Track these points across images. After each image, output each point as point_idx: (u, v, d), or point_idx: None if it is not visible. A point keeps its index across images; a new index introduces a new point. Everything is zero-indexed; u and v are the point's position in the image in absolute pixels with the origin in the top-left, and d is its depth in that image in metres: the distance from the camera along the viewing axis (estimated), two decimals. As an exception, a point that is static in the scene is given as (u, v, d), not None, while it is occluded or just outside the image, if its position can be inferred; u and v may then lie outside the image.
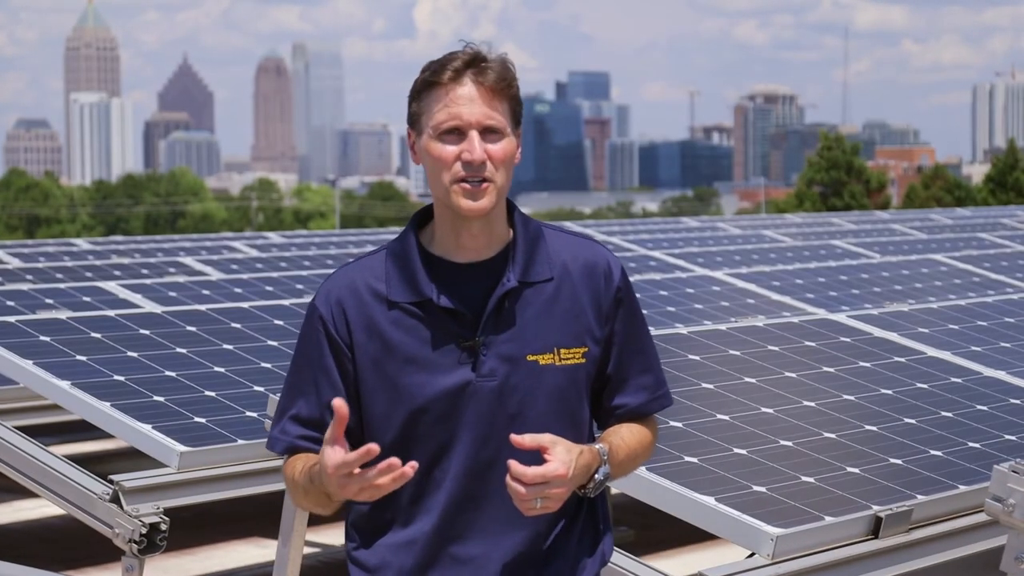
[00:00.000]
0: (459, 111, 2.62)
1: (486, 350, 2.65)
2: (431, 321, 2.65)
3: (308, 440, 2.70)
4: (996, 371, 5.58)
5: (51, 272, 10.17)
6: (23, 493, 6.88)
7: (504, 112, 2.66)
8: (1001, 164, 51.26)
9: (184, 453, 5.03)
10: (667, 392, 2.85)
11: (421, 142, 2.68)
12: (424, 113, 2.66)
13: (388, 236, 16.44)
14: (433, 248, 2.71)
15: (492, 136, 2.64)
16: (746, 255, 11.55)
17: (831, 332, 5.75)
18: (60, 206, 79.26)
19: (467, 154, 2.62)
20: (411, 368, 2.65)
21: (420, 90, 2.68)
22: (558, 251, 2.73)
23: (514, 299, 2.67)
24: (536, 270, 2.69)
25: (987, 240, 13.60)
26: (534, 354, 2.66)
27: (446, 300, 2.65)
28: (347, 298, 2.69)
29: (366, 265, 2.72)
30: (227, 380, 5.75)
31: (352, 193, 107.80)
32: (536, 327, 2.67)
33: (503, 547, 2.67)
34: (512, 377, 2.65)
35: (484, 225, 2.68)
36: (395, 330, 2.66)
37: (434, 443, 2.65)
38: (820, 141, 56.53)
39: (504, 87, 2.65)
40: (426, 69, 2.68)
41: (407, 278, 2.67)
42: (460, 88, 2.63)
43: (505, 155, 2.65)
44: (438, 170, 2.65)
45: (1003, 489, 3.81)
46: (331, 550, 6.50)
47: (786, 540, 3.85)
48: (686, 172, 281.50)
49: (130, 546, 4.58)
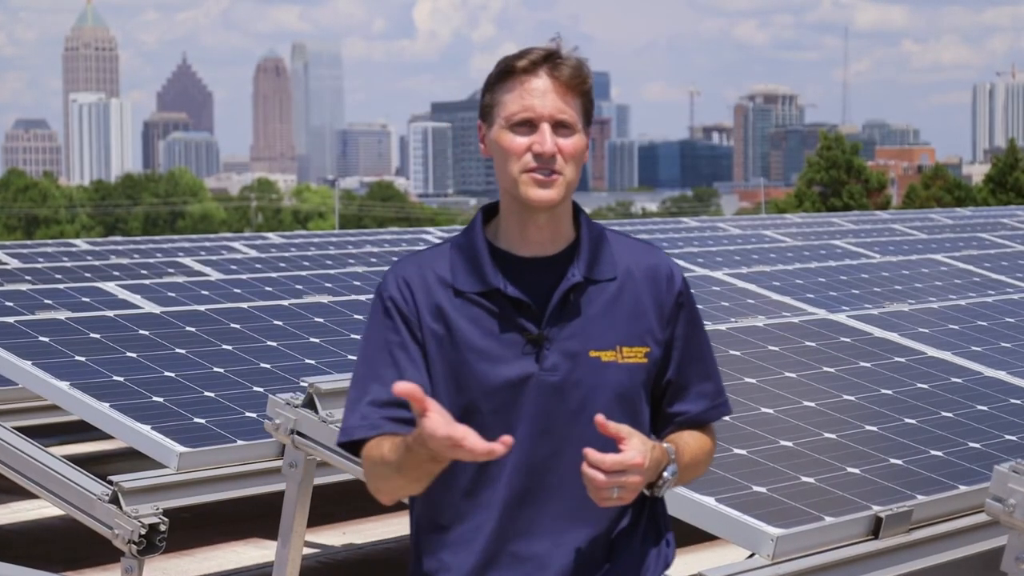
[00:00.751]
0: (532, 103, 2.62)
1: (549, 344, 2.64)
2: (496, 312, 2.65)
3: (394, 421, 2.63)
4: (996, 371, 5.58)
5: (50, 272, 10.16)
6: (22, 494, 6.87)
7: (576, 108, 2.66)
8: (1001, 164, 51.30)
9: (183, 454, 5.03)
10: (726, 400, 2.85)
11: (492, 133, 2.67)
12: (496, 105, 2.66)
13: (388, 236, 16.44)
14: (498, 241, 2.70)
15: (563, 131, 2.64)
16: (746, 255, 11.55)
17: (831, 332, 5.74)
18: (59, 206, 79.28)
19: (538, 146, 2.62)
20: (473, 357, 2.64)
21: (494, 82, 2.68)
22: (621, 253, 2.74)
23: (578, 295, 2.67)
24: (600, 269, 2.70)
25: (987, 240, 13.60)
26: (596, 350, 2.66)
27: (514, 290, 2.65)
28: (415, 281, 2.68)
29: (431, 255, 2.72)
30: (226, 381, 5.75)
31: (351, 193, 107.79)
32: (599, 324, 2.67)
33: (565, 545, 2.65)
34: (574, 373, 2.64)
35: (550, 219, 2.67)
36: (460, 318, 2.65)
37: (490, 435, 2.57)
38: (820, 141, 56.56)
39: (578, 83, 2.65)
40: (501, 63, 2.68)
41: (473, 268, 2.67)
42: (534, 81, 2.63)
43: (575, 150, 2.65)
44: (508, 160, 2.65)
45: (1003, 489, 3.80)
46: (330, 551, 6.50)
47: (786, 540, 3.85)
48: (686, 172, 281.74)
49: (129, 547, 4.58)
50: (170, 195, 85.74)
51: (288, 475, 4.88)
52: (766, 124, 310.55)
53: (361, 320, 6.83)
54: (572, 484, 2.63)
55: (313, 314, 6.78)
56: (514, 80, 2.64)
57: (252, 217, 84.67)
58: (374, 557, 6.46)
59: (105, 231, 74.38)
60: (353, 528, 6.86)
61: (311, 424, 4.79)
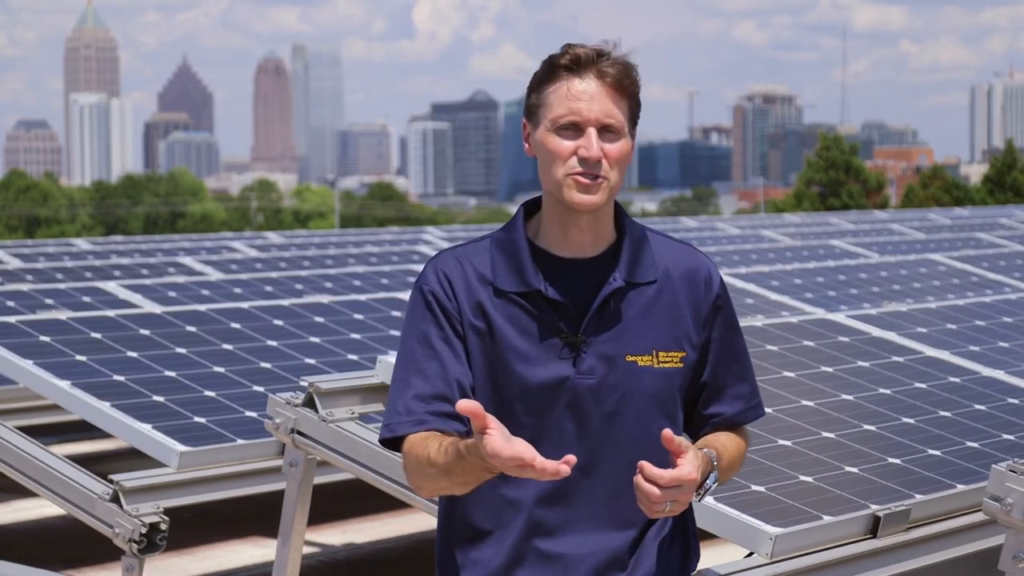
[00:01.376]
0: (579, 107, 2.60)
1: (586, 348, 2.63)
2: (535, 313, 2.64)
3: (438, 416, 2.61)
4: (994, 371, 5.59)
5: (51, 272, 10.17)
6: (23, 493, 6.89)
7: (624, 111, 2.64)
8: (999, 164, 51.25)
9: (184, 453, 5.04)
10: (760, 402, 2.85)
11: (537, 134, 2.65)
12: (542, 106, 2.64)
13: (388, 236, 16.45)
14: (538, 241, 2.69)
15: (609, 135, 2.62)
16: (745, 255, 11.56)
17: (829, 332, 5.76)
18: (60, 207, 79.20)
19: (584, 150, 2.60)
20: (510, 356, 2.62)
21: (540, 82, 2.65)
22: (661, 255, 2.72)
23: (618, 299, 2.66)
24: (641, 272, 2.68)
25: (985, 240, 13.61)
26: (633, 355, 2.65)
27: (554, 293, 2.64)
28: (455, 276, 2.67)
29: (471, 251, 2.70)
30: (227, 380, 5.76)
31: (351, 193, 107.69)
32: (636, 328, 2.66)
33: (593, 546, 2.65)
34: (610, 377, 2.64)
35: (592, 221, 2.66)
36: (499, 316, 2.64)
37: (526, 435, 2.56)
38: (819, 141, 56.53)
39: (627, 85, 2.63)
40: (548, 62, 2.65)
41: (514, 268, 2.65)
42: (582, 83, 2.61)
43: (621, 155, 2.63)
44: (552, 163, 2.63)
45: (1001, 488, 3.82)
46: (330, 550, 6.51)
47: (785, 539, 3.86)
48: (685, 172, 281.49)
49: (130, 546, 4.59)
50: (171, 195, 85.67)
51: (288, 474, 4.89)
52: (765, 124, 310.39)
53: (361, 320, 6.84)
54: (604, 486, 2.64)
55: (313, 314, 6.80)
56: (561, 81, 2.62)
57: (252, 217, 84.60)
58: (374, 556, 6.48)
59: (106, 231, 74.33)
60: (353, 527, 6.88)
61: (311, 423, 4.81)
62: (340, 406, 4.84)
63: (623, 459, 2.63)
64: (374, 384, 4.92)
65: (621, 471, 2.65)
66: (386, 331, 6.72)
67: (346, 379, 4.98)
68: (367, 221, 75.41)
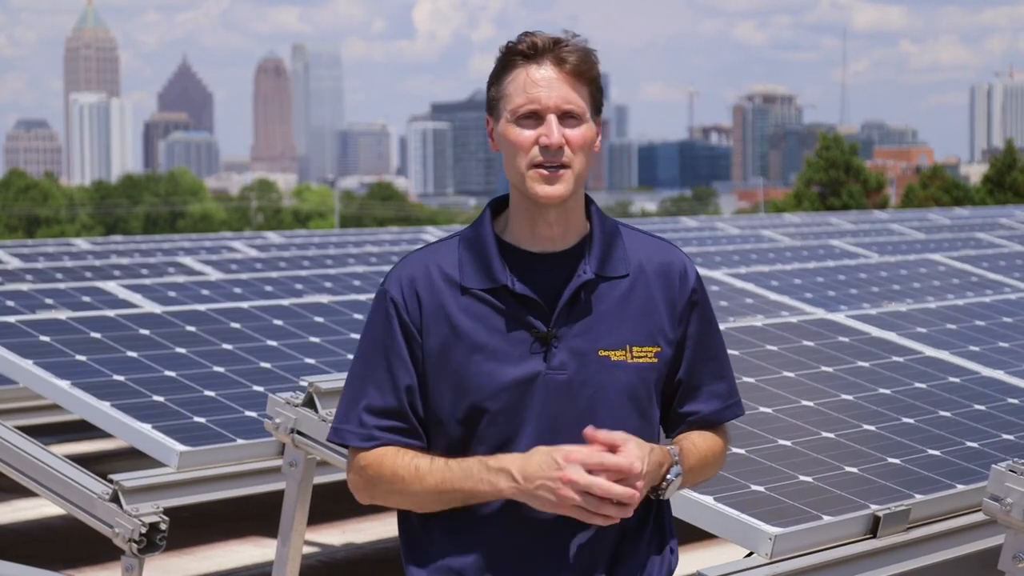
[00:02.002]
0: (538, 94, 2.56)
1: (557, 342, 2.58)
2: (503, 309, 2.59)
3: (389, 431, 2.62)
4: (994, 371, 5.59)
5: (51, 272, 10.17)
6: (23, 493, 6.89)
7: (584, 97, 2.60)
8: (999, 164, 51.23)
9: (184, 453, 5.04)
10: (739, 401, 2.79)
11: (499, 127, 2.61)
12: (502, 98, 2.60)
13: (388, 236, 16.45)
14: (507, 236, 2.65)
15: (571, 121, 2.58)
16: (744, 255, 11.56)
17: (829, 332, 5.76)
18: (60, 206, 79.20)
19: (545, 138, 2.56)
20: (479, 356, 2.58)
21: (499, 75, 2.62)
22: (635, 249, 2.68)
23: (589, 292, 2.62)
24: (613, 265, 2.64)
25: (985, 240, 13.62)
26: (606, 350, 2.60)
27: (522, 287, 2.59)
28: (419, 282, 2.62)
29: (438, 250, 2.66)
30: (226, 380, 5.76)
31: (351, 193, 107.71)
32: (609, 322, 2.61)
33: (569, 547, 2.60)
34: (583, 372, 2.59)
35: (561, 214, 2.62)
36: (465, 317, 2.60)
37: (498, 436, 2.58)
38: (819, 141, 56.52)
39: (584, 71, 2.60)
40: (505, 53, 2.61)
41: (481, 264, 2.62)
42: (539, 71, 2.57)
43: (584, 141, 2.59)
44: (515, 155, 2.59)
45: (1001, 488, 3.82)
46: (330, 550, 6.51)
47: (784, 539, 3.86)
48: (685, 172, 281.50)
49: (130, 545, 4.58)
50: (170, 195, 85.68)
51: (288, 474, 4.89)
52: (765, 124, 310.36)
53: (361, 320, 6.84)
54: None
55: (313, 313, 6.80)
56: (518, 71, 2.59)
57: (252, 217, 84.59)
58: (374, 556, 6.48)
59: (105, 231, 74.35)
60: (353, 527, 6.88)
61: (311, 423, 4.81)
62: (340, 406, 4.83)
63: None
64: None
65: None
66: (386, 331, 6.71)
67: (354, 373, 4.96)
68: (367, 221, 75.42)
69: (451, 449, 2.61)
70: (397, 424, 2.63)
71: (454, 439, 2.61)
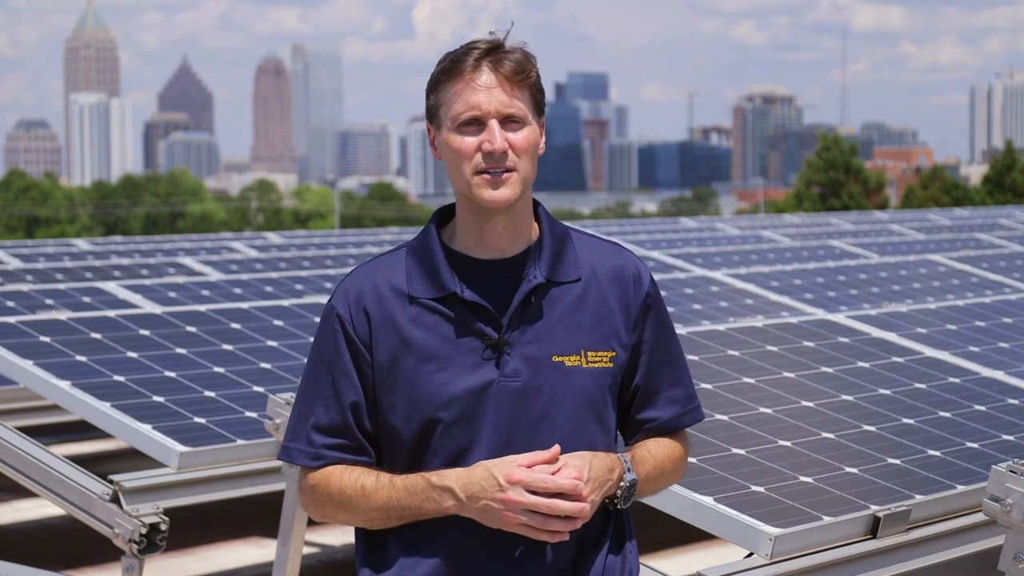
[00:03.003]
0: (477, 100, 2.54)
1: (510, 349, 2.54)
2: (453, 318, 2.56)
3: (335, 449, 2.60)
4: (994, 371, 5.59)
5: (51, 272, 10.18)
6: (23, 493, 6.89)
7: (524, 100, 2.56)
8: (999, 165, 51.25)
9: (184, 453, 5.04)
10: (699, 406, 2.73)
11: (441, 136, 2.59)
12: (442, 105, 2.58)
13: (387, 236, 16.45)
14: (455, 244, 2.61)
15: (513, 125, 2.55)
16: (744, 255, 11.56)
17: (829, 332, 5.76)
18: (60, 207, 79.23)
19: (487, 144, 2.53)
20: (430, 367, 2.54)
21: (437, 82, 2.59)
22: (586, 254, 2.64)
23: (540, 297, 2.58)
24: (563, 270, 2.60)
25: (985, 240, 13.62)
26: (560, 355, 2.56)
27: (471, 294, 2.55)
28: (366, 295, 2.59)
29: (386, 262, 2.63)
30: (226, 380, 5.76)
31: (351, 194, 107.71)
32: (562, 328, 2.57)
33: (530, 558, 2.55)
34: (537, 378, 2.55)
35: (508, 219, 2.58)
36: (414, 327, 2.56)
37: (453, 447, 2.54)
38: (819, 142, 56.54)
39: (523, 76, 2.57)
40: (443, 61, 2.59)
41: (429, 274, 2.58)
42: (478, 78, 2.54)
43: (527, 144, 2.56)
44: (458, 162, 2.56)
45: (1001, 489, 3.82)
46: (331, 550, 6.51)
47: (784, 540, 3.86)
48: (685, 173, 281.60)
49: (130, 546, 4.59)
50: (170, 195, 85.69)
51: (288, 474, 4.89)
52: (765, 125, 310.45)
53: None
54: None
55: (313, 314, 6.80)
56: (457, 78, 2.56)
57: (252, 217, 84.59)
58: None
59: (106, 231, 74.37)
60: (353, 528, 6.87)
61: (311, 424, 4.80)
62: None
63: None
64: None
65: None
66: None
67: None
68: (367, 221, 75.42)
69: (407, 462, 2.58)
70: (343, 442, 2.60)
71: (409, 452, 2.58)
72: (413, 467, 2.57)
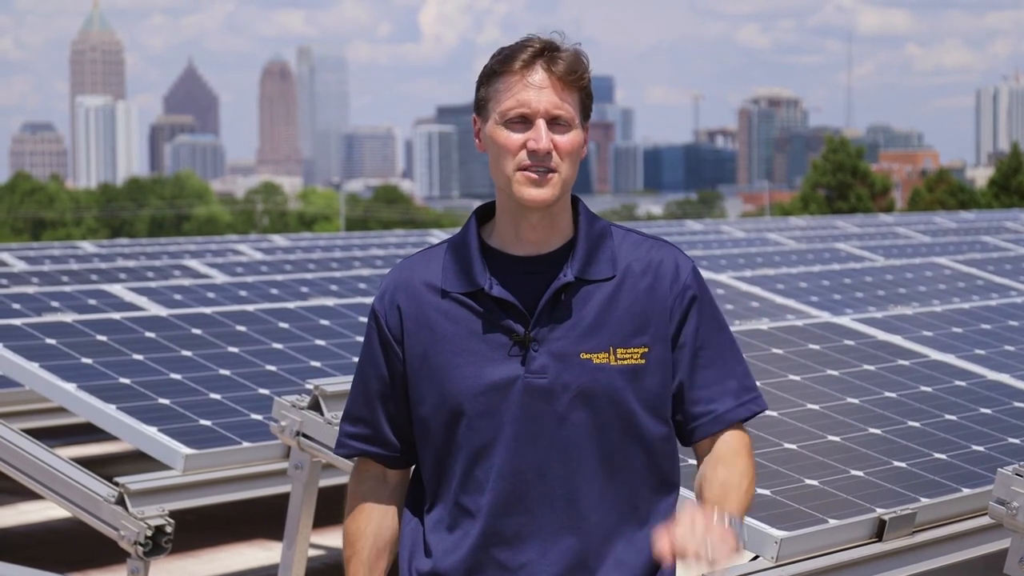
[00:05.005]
0: (527, 98, 2.56)
1: (537, 346, 2.56)
2: (482, 313, 2.59)
3: (357, 439, 2.72)
4: (1000, 374, 5.58)
5: (56, 275, 10.19)
6: (28, 495, 6.90)
7: (573, 103, 2.58)
8: (1005, 167, 51.20)
9: (189, 455, 5.05)
10: (756, 397, 2.68)
11: (487, 129, 2.61)
12: (491, 99, 2.60)
13: (393, 239, 16.45)
14: (492, 240, 2.64)
15: (559, 127, 2.57)
16: (750, 258, 11.56)
17: (835, 335, 5.75)
18: (65, 209, 79.33)
19: (533, 143, 2.55)
20: (458, 360, 2.58)
21: (489, 76, 2.60)
22: (624, 251, 2.64)
23: (571, 295, 2.59)
24: (597, 268, 2.61)
25: (991, 243, 13.61)
26: (588, 352, 2.57)
27: (499, 290, 2.58)
28: (401, 291, 2.65)
29: (425, 258, 2.68)
30: (232, 383, 5.76)
31: (357, 196, 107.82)
32: (592, 325, 2.58)
33: (553, 554, 2.57)
34: (563, 375, 2.56)
35: (545, 217, 2.60)
36: (445, 321, 2.61)
37: (477, 441, 2.58)
38: (825, 145, 56.52)
39: (575, 77, 2.58)
40: (497, 55, 2.61)
41: (462, 269, 2.62)
42: (530, 76, 2.56)
43: (572, 146, 2.58)
44: (502, 157, 2.58)
45: (1007, 492, 3.81)
46: (336, 552, 6.51)
47: (790, 543, 3.86)
48: (690, 175, 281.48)
49: (135, 548, 4.59)
50: (176, 198, 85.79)
51: (293, 477, 4.89)
52: (770, 128, 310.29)
53: (366, 323, 6.84)
54: (561, 491, 2.57)
55: (318, 316, 6.80)
56: (509, 74, 2.57)
57: (258, 220, 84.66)
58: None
59: (111, 234, 74.43)
60: (358, 530, 6.87)
61: (316, 426, 4.81)
62: (345, 409, 4.84)
63: (578, 461, 2.56)
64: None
65: (577, 474, 2.58)
66: (391, 334, 6.71)
67: (351, 382, 4.97)
68: (372, 224, 75.44)
69: (436, 457, 2.64)
70: (365, 432, 2.72)
71: (438, 445, 2.63)
72: (441, 461, 2.63)
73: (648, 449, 2.62)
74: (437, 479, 2.64)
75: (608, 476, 2.59)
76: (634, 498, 2.61)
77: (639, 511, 2.63)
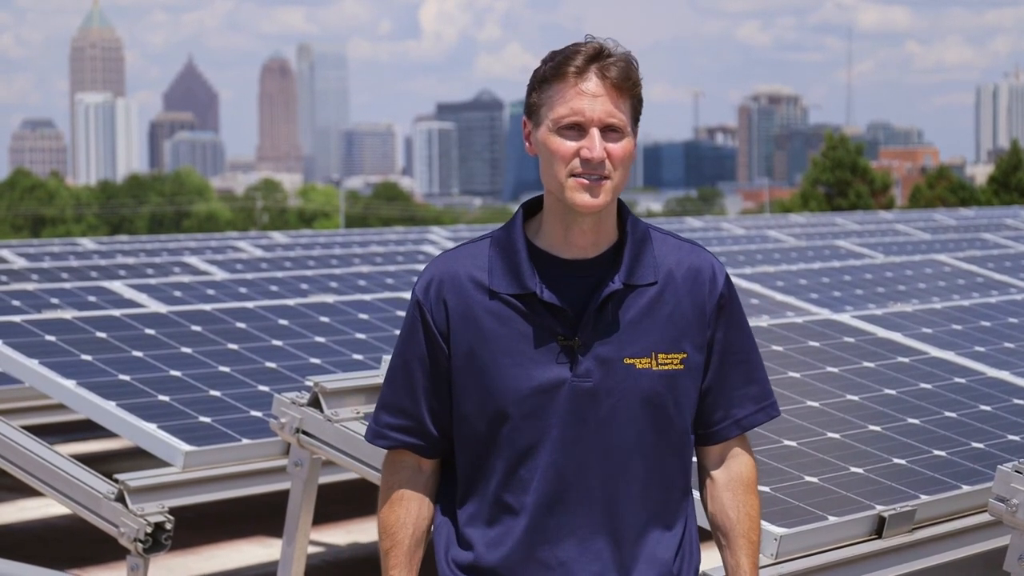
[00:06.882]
0: (582, 107, 2.57)
1: (584, 351, 2.60)
2: (531, 316, 2.61)
3: (397, 430, 2.71)
4: (999, 371, 5.59)
5: (56, 272, 10.19)
6: (28, 492, 6.90)
7: (626, 110, 2.60)
8: (1004, 165, 51.18)
9: (189, 452, 5.05)
10: (773, 403, 2.77)
11: (538, 134, 2.62)
12: (544, 105, 2.61)
13: (393, 236, 16.45)
14: (538, 241, 2.66)
15: (613, 135, 2.59)
16: (750, 255, 11.55)
17: (835, 332, 5.75)
18: (65, 206, 79.33)
19: (587, 151, 2.57)
20: (506, 361, 2.61)
21: (542, 80, 2.61)
22: (664, 255, 2.68)
23: (617, 301, 2.62)
24: (641, 273, 2.64)
25: (990, 240, 13.61)
26: (631, 357, 2.61)
27: (550, 296, 2.61)
28: (447, 285, 2.65)
29: (469, 252, 2.68)
30: (232, 380, 5.76)
31: (356, 193, 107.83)
32: (635, 331, 2.62)
33: (591, 553, 2.62)
34: (607, 379, 2.60)
35: (594, 223, 2.62)
36: (493, 321, 2.62)
37: (522, 441, 2.61)
38: (825, 142, 56.51)
39: (629, 85, 2.60)
40: (549, 60, 2.62)
41: (510, 269, 2.63)
42: (584, 83, 2.57)
43: (624, 154, 2.60)
44: (554, 163, 2.60)
45: (1006, 489, 3.82)
46: (335, 549, 6.52)
47: (790, 540, 3.86)
48: (690, 172, 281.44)
49: (135, 545, 4.59)
50: (176, 195, 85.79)
51: (293, 474, 4.90)
52: (770, 125, 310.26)
53: (366, 319, 6.85)
54: (601, 491, 2.62)
55: (318, 313, 6.80)
56: (562, 80, 2.59)
57: (257, 217, 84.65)
58: (378, 556, 6.47)
59: (111, 231, 74.43)
60: (358, 527, 6.88)
61: (316, 423, 4.81)
62: (345, 406, 4.85)
63: (618, 463, 2.61)
64: (379, 384, 4.92)
65: (617, 476, 2.62)
66: (391, 331, 6.73)
67: (351, 379, 4.98)
68: (372, 221, 75.45)
69: (477, 455, 2.65)
70: (406, 423, 2.70)
71: (480, 443, 2.65)
72: (480, 457, 2.65)
73: (680, 452, 2.68)
74: (474, 474, 2.66)
75: (646, 478, 2.64)
76: (666, 499, 2.67)
77: (669, 512, 2.69)
